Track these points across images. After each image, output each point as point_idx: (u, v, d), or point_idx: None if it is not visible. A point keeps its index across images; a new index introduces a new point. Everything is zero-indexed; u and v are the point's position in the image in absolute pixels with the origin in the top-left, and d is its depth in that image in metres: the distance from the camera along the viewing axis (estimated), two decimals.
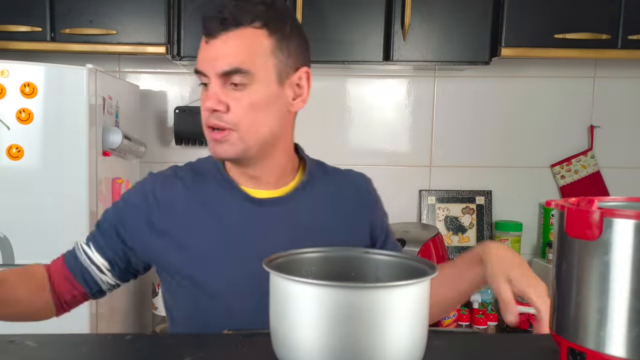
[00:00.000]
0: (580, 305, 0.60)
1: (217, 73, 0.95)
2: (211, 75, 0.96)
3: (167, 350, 0.76)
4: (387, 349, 0.60)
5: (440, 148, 2.46)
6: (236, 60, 0.94)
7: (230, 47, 0.95)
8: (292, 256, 0.74)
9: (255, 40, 0.95)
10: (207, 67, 0.96)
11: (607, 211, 0.57)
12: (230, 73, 0.94)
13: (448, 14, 2.06)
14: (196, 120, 2.28)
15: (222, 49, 0.95)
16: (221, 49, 0.95)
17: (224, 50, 0.95)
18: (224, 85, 0.96)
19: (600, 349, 0.58)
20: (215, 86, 0.96)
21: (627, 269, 0.56)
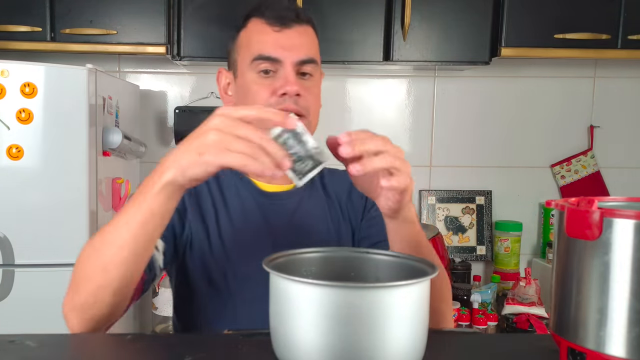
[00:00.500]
0: (580, 305, 0.60)
1: (295, 61, 0.99)
2: (287, 62, 0.99)
3: (167, 350, 0.76)
4: (387, 349, 0.60)
5: (440, 148, 2.46)
6: (310, 51, 1.02)
7: (304, 38, 1.02)
8: (292, 256, 0.74)
9: (315, 38, 1.05)
10: (284, 54, 0.99)
11: (607, 211, 0.57)
12: (306, 62, 1.00)
13: (448, 14, 2.06)
14: (196, 120, 2.29)
15: (298, 39, 1.01)
16: (297, 39, 1.01)
17: (300, 41, 1.01)
18: (295, 73, 1.00)
19: (600, 349, 0.58)
20: (291, 71, 0.99)
21: (627, 269, 0.56)
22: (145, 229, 0.76)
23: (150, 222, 0.76)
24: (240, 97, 1.05)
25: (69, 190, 1.72)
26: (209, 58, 2.06)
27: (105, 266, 0.79)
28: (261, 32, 1.01)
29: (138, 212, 0.76)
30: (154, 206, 0.75)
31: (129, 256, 0.78)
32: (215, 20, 2.02)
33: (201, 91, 2.38)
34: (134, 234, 0.76)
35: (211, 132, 0.70)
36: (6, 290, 1.70)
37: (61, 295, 1.82)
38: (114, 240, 0.78)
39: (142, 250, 0.79)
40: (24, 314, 1.70)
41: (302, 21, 1.03)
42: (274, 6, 1.02)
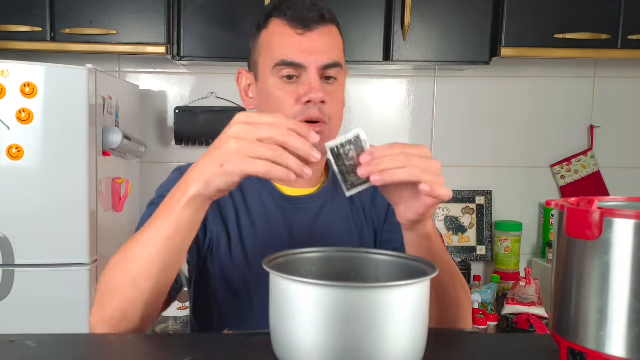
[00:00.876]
0: (580, 305, 0.60)
1: (319, 66, 0.95)
2: (312, 67, 0.95)
3: (167, 350, 0.76)
4: (387, 349, 0.60)
5: (440, 148, 2.46)
6: (335, 54, 0.97)
7: (329, 41, 0.97)
8: (292, 256, 0.74)
9: (339, 39, 1.01)
10: (308, 59, 0.95)
11: (607, 211, 0.57)
12: (330, 66, 0.96)
13: (448, 14, 2.06)
14: (196, 120, 2.30)
15: (322, 41, 0.96)
16: (321, 42, 0.96)
17: (324, 43, 0.96)
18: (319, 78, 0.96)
19: (600, 349, 0.58)
20: (316, 77, 0.95)
21: (627, 269, 0.56)
22: (172, 242, 0.76)
23: (177, 235, 0.76)
24: (262, 102, 1.01)
25: (69, 190, 1.72)
26: (209, 58, 2.06)
27: (134, 280, 0.78)
28: (283, 34, 0.97)
29: (164, 226, 0.75)
30: (181, 220, 0.74)
31: (157, 270, 0.77)
32: (215, 20, 2.02)
33: (201, 91, 2.38)
34: (162, 247, 0.76)
35: (231, 140, 0.69)
36: (6, 290, 1.70)
37: (61, 295, 1.83)
38: (141, 255, 0.77)
39: (171, 264, 0.78)
40: (24, 314, 1.70)
41: (326, 21, 0.98)
42: (296, 5, 0.97)
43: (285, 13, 0.97)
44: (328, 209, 1.05)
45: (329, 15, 0.98)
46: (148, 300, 0.79)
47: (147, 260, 0.77)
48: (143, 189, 2.35)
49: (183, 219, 0.74)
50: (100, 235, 1.82)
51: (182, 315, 2.13)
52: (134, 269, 0.78)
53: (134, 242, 0.79)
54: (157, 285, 0.79)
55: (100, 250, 1.82)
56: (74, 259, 1.73)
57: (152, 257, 0.77)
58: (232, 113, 2.27)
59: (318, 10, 0.97)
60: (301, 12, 0.96)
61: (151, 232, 0.77)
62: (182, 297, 2.19)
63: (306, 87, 0.95)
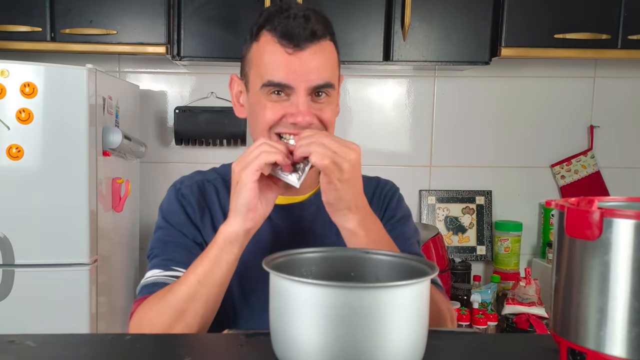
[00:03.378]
0: (580, 305, 0.60)
1: (309, 87, 0.93)
2: (300, 88, 0.93)
3: (167, 350, 0.76)
4: (387, 349, 0.60)
5: (440, 148, 2.46)
6: (326, 74, 0.95)
7: (319, 60, 0.94)
8: (292, 256, 0.74)
9: (333, 53, 0.98)
10: (297, 80, 0.93)
11: (607, 211, 0.57)
12: (321, 87, 0.94)
13: (448, 14, 2.06)
14: (196, 120, 2.30)
15: (312, 61, 0.93)
16: (311, 62, 0.93)
17: (314, 63, 0.93)
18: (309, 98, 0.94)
19: (600, 349, 0.58)
20: (304, 99, 0.93)
21: (627, 269, 0.56)
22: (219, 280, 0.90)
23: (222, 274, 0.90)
24: (251, 113, 1.01)
25: (69, 190, 1.72)
26: (209, 58, 2.06)
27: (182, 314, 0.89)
28: (272, 52, 0.94)
29: (212, 273, 0.90)
30: (225, 260, 0.90)
31: (205, 309, 0.90)
32: (215, 20, 2.03)
33: (201, 91, 2.38)
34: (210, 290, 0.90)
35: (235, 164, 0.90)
36: (6, 290, 1.70)
37: (61, 295, 1.83)
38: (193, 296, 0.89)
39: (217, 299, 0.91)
40: (24, 314, 1.70)
41: (318, 38, 0.94)
42: (287, 21, 0.93)
43: (276, 28, 0.93)
44: (318, 216, 1.04)
45: (322, 31, 0.94)
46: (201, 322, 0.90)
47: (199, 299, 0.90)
48: (143, 189, 2.35)
49: (228, 257, 0.90)
50: (100, 235, 1.82)
51: None
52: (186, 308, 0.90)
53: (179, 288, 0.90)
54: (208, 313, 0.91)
55: (100, 250, 1.82)
56: (74, 259, 1.73)
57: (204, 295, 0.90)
58: (232, 113, 2.27)
59: (310, 28, 0.92)
60: (292, 29, 0.92)
61: (196, 276, 0.90)
62: None
63: (294, 108, 0.93)
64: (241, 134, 2.29)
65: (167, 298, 0.89)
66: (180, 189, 1.05)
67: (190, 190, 1.04)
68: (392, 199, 1.12)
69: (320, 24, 0.94)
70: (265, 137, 0.96)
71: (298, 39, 0.92)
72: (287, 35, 0.92)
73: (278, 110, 0.95)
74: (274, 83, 0.93)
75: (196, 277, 0.88)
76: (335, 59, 0.99)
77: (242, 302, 1.00)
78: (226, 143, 2.34)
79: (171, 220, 1.02)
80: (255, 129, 1.00)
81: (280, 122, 0.95)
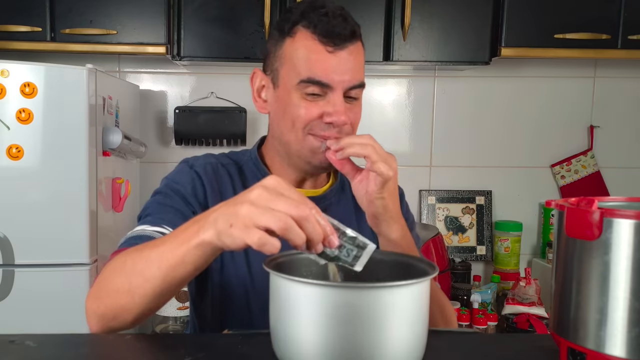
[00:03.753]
0: (580, 305, 0.60)
1: (346, 87, 0.94)
2: (338, 87, 0.93)
3: (167, 350, 0.76)
4: (387, 348, 0.60)
5: (440, 148, 2.46)
6: (360, 75, 0.96)
7: (355, 60, 0.95)
8: (292, 256, 0.74)
9: (363, 53, 0.99)
10: (337, 80, 0.93)
11: (607, 211, 0.57)
12: (356, 87, 0.95)
13: (448, 14, 2.06)
14: (196, 120, 2.30)
15: (351, 62, 0.94)
16: (350, 62, 0.94)
17: (351, 63, 0.94)
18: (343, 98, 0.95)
19: (600, 349, 0.58)
20: (341, 99, 0.94)
21: (627, 269, 0.56)
22: (174, 273, 0.75)
23: (180, 268, 0.74)
24: (279, 109, 0.98)
25: (69, 190, 1.72)
26: (209, 58, 2.06)
27: (131, 291, 0.78)
28: (312, 50, 0.92)
29: (172, 255, 0.74)
30: (187, 258, 0.73)
31: (154, 290, 0.77)
32: (215, 20, 2.03)
33: (201, 91, 2.38)
34: (164, 273, 0.75)
35: (245, 204, 0.66)
36: (6, 290, 1.70)
37: (61, 295, 1.83)
38: (142, 272, 0.77)
39: (168, 290, 0.78)
40: (24, 314, 1.70)
41: (356, 38, 0.95)
42: (328, 19, 0.92)
43: (316, 25, 0.92)
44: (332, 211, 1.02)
45: (359, 31, 0.96)
46: (142, 310, 0.80)
47: (147, 279, 0.76)
48: (143, 189, 2.35)
49: (189, 257, 0.73)
50: (100, 235, 1.82)
51: (182, 315, 2.13)
52: (133, 281, 0.78)
53: (140, 255, 0.79)
54: (152, 301, 0.79)
55: (100, 250, 1.82)
56: (74, 259, 1.73)
57: (153, 278, 0.76)
58: (232, 113, 2.30)
59: (350, 27, 0.93)
60: (333, 27, 0.91)
61: (158, 254, 0.76)
62: (182, 297, 2.19)
63: (330, 107, 0.93)
64: (241, 134, 2.29)
65: (127, 263, 0.80)
66: (193, 165, 1.02)
67: (203, 170, 1.01)
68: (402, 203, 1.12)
69: (356, 24, 0.96)
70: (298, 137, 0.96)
71: (339, 39, 0.92)
72: (328, 34, 0.92)
73: (314, 109, 0.94)
74: (314, 81, 0.92)
75: (158, 261, 0.76)
76: (364, 59, 1.00)
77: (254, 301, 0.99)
78: (226, 143, 2.34)
79: (174, 188, 0.98)
80: (285, 126, 0.97)
81: (315, 122, 0.94)
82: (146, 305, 0.79)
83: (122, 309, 0.80)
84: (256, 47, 2.03)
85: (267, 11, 1.99)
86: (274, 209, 0.65)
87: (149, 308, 0.80)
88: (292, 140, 0.97)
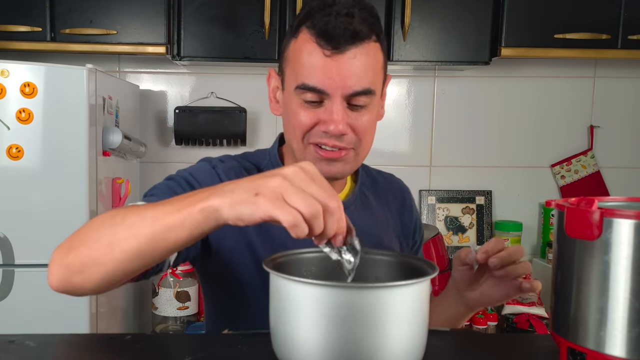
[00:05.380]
0: (580, 305, 0.60)
1: (345, 94, 0.87)
2: (337, 95, 0.86)
3: (167, 350, 0.76)
4: (387, 349, 0.60)
5: (440, 148, 2.46)
6: (366, 81, 0.87)
7: (359, 64, 0.86)
8: (292, 256, 0.74)
9: (376, 57, 0.89)
10: (333, 87, 0.86)
11: (607, 211, 0.57)
12: (358, 94, 0.87)
13: (448, 14, 2.06)
14: (196, 120, 2.30)
15: (351, 66, 0.85)
16: (350, 67, 0.85)
17: (353, 68, 0.85)
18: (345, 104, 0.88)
19: (600, 349, 0.58)
20: (340, 107, 0.87)
21: (627, 269, 0.56)
22: (167, 235, 0.68)
23: (175, 232, 0.67)
24: (285, 114, 0.95)
25: (69, 190, 1.72)
26: (209, 58, 2.06)
27: (111, 244, 0.71)
28: (309, 52, 0.86)
29: (170, 216, 0.67)
30: (187, 221, 0.66)
31: (138, 250, 0.69)
32: (215, 20, 2.03)
33: (201, 91, 2.38)
34: (154, 232, 0.68)
35: (279, 177, 0.62)
36: (6, 290, 1.70)
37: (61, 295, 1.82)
38: (132, 226, 0.70)
39: (151, 253, 0.70)
40: (24, 314, 1.70)
41: (361, 39, 0.86)
42: (329, 19, 0.84)
43: (315, 26, 0.85)
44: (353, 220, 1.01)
45: (365, 32, 0.86)
46: (114, 269, 0.72)
47: (134, 235, 0.69)
48: (143, 189, 2.34)
49: (190, 221, 0.66)
50: None
51: (182, 315, 2.13)
52: (117, 233, 0.71)
53: (133, 211, 0.72)
54: (130, 262, 0.71)
55: None
56: None
57: (141, 235, 0.69)
58: (232, 113, 2.30)
59: (352, 28, 0.84)
60: (333, 29, 0.84)
61: (154, 212, 0.69)
62: (182, 297, 2.19)
63: (327, 115, 0.87)
64: (241, 134, 2.29)
65: (116, 218, 0.74)
66: (216, 167, 0.96)
67: (226, 175, 0.95)
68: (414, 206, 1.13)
69: (366, 23, 0.86)
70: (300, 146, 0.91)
71: (337, 41, 0.84)
72: (326, 35, 0.85)
73: (311, 116, 0.89)
74: (308, 87, 0.87)
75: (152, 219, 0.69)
76: (380, 62, 0.91)
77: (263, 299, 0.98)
78: (226, 143, 2.34)
79: (190, 180, 0.92)
80: (289, 132, 0.94)
81: (313, 130, 0.90)
82: (121, 264, 0.71)
83: (93, 261, 0.73)
84: (256, 47, 2.03)
85: (267, 11, 1.99)
86: (306, 192, 0.61)
87: (122, 270, 0.72)
88: (295, 147, 0.94)
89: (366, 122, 0.90)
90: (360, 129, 0.90)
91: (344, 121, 0.87)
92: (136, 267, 0.72)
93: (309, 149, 0.92)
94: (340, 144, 0.89)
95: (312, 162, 0.85)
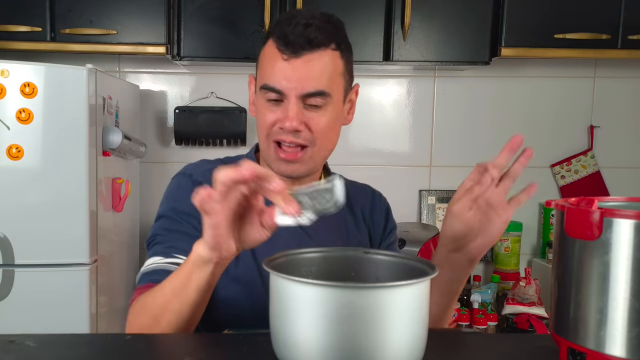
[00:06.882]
0: (580, 305, 0.60)
1: (299, 94, 0.95)
2: (292, 95, 0.95)
3: (167, 350, 0.76)
4: (387, 349, 0.60)
5: (440, 148, 2.46)
6: (320, 83, 0.95)
7: (314, 68, 0.95)
8: (292, 256, 0.74)
9: (334, 63, 0.97)
10: (288, 87, 0.95)
11: (607, 211, 0.57)
12: (313, 95, 0.95)
13: (448, 14, 2.06)
14: (196, 120, 2.30)
15: (306, 69, 0.95)
16: (305, 70, 0.95)
17: (307, 72, 0.95)
18: (302, 104, 0.96)
19: (600, 349, 0.58)
20: (295, 106, 0.95)
21: (627, 269, 0.56)
22: (186, 293, 0.80)
23: (189, 289, 0.80)
24: (256, 115, 1.03)
25: (69, 190, 1.72)
26: (209, 58, 2.06)
27: (155, 324, 0.84)
28: (272, 57, 0.97)
29: (179, 277, 0.82)
30: (193, 275, 0.79)
31: (178, 318, 0.83)
32: (215, 20, 2.03)
33: (201, 91, 2.38)
34: (177, 297, 0.82)
35: None
36: (6, 290, 1.70)
37: (61, 295, 1.83)
38: (162, 303, 0.84)
39: (190, 313, 0.83)
40: (24, 314, 1.70)
41: (316, 46, 0.95)
42: (288, 28, 0.94)
43: (278, 33, 0.96)
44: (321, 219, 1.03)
45: (321, 39, 0.95)
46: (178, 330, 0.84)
47: (167, 309, 0.83)
48: (143, 189, 2.35)
49: (195, 275, 0.79)
50: (100, 235, 1.82)
51: None
52: (156, 315, 0.84)
53: (156, 290, 0.86)
54: (179, 326, 0.83)
55: (100, 250, 1.82)
56: (74, 259, 1.73)
57: (171, 305, 0.83)
58: (232, 113, 2.30)
59: (307, 35, 0.94)
60: (289, 36, 0.94)
61: (170, 282, 0.83)
62: None
63: (283, 114, 0.96)
64: (241, 134, 2.29)
65: (147, 302, 0.86)
66: (192, 175, 1.03)
67: (204, 178, 1.00)
68: (389, 211, 1.17)
69: (324, 32, 0.95)
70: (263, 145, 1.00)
71: (293, 46, 0.94)
72: (285, 42, 0.94)
73: (272, 115, 0.97)
74: (269, 87, 0.96)
75: (171, 288, 0.82)
76: (340, 68, 0.99)
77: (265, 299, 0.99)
78: (226, 143, 2.34)
79: (179, 208, 0.99)
80: (258, 132, 1.02)
81: (274, 128, 0.98)
82: (181, 323, 0.82)
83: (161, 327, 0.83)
84: (256, 47, 2.02)
85: (267, 11, 1.99)
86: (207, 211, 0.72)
87: (187, 324, 0.83)
88: (262, 147, 1.02)
89: (323, 122, 0.98)
90: (316, 128, 0.97)
91: (298, 118, 0.95)
92: (190, 325, 0.85)
93: (271, 148, 0.99)
94: (296, 140, 0.97)
95: (272, 161, 1.00)
